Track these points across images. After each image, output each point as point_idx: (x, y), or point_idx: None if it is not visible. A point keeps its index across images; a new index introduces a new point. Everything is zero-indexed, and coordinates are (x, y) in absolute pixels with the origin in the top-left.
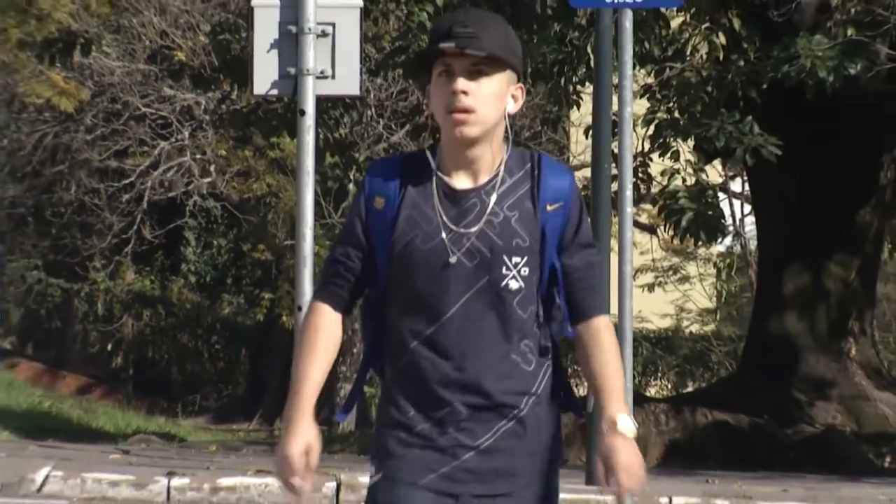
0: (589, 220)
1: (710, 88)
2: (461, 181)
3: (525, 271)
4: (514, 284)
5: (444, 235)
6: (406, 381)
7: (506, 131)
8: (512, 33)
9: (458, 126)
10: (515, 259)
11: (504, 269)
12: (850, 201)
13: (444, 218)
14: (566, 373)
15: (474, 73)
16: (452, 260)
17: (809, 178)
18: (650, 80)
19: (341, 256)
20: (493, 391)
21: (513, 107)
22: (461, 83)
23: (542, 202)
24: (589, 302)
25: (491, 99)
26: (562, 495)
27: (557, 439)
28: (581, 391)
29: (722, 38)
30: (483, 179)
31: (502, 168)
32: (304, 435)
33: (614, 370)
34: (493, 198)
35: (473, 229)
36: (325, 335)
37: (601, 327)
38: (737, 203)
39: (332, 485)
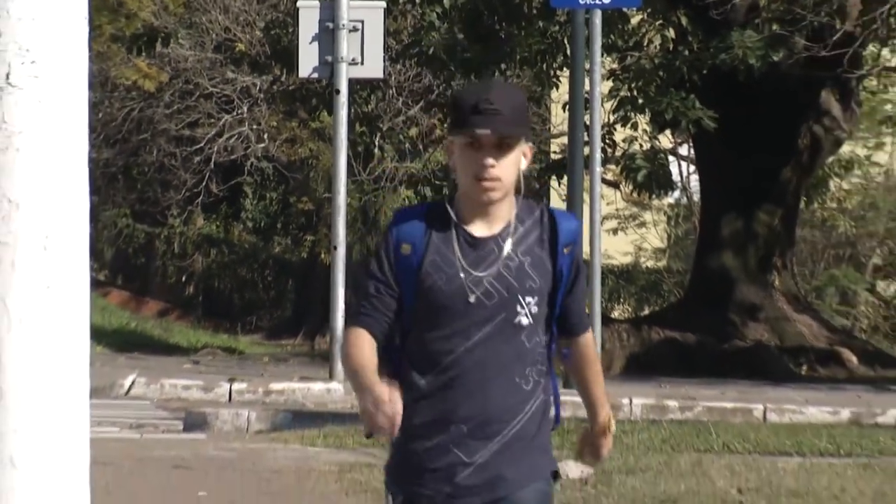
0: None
1: (661, 73)
2: (479, 229)
3: (535, 309)
4: (524, 321)
5: (463, 277)
6: (423, 400)
7: (517, 184)
8: (525, 102)
9: (486, 192)
10: (528, 299)
11: (519, 307)
12: (774, 162)
13: (464, 262)
14: (555, 389)
15: (500, 147)
16: (472, 299)
17: (741, 144)
18: (615, 66)
19: (374, 292)
20: (495, 410)
21: (524, 165)
22: (490, 159)
23: (560, 246)
24: (580, 322)
25: (512, 166)
26: None
27: (547, 449)
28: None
29: (672, 33)
30: (498, 228)
31: (514, 217)
32: (380, 384)
33: (601, 383)
34: (509, 244)
35: (491, 272)
36: (364, 343)
37: (588, 342)
38: (683, 164)
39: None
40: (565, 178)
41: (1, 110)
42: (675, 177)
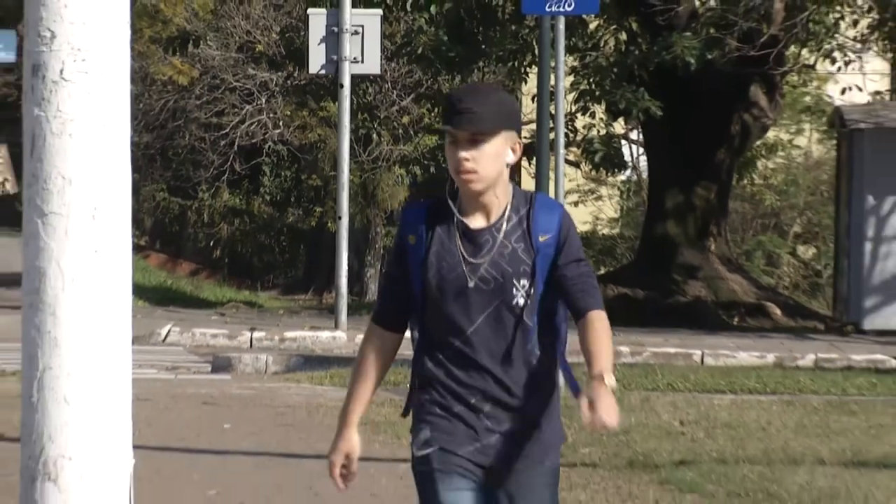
0: (579, 242)
1: (615, 69)
2: (476, 221)
3: (527, 290)
4: (521, 301)
5: (463, 266)
6: (442, 377)
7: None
8: (506, 100)
9: (466, 184)
10: (523, 281)
11: (514, 290)
12: (710, 145)
13: (464, 252)
14: (564, 362)
15: (474, 142)
16: (471, 284)
17: (683, 129)
18: (575, 64)
19: (391, 287)
20: (508, 385)
21: (512, 158)
22: (464, 153)
23: (534, 234)
24: (585, 301)
25: (489, 158)
26: None
27: (558, 421)
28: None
29: (624, 35)
30: (494, 219)
31: (509, 208)
32: (344, 447)
33: (604, 344)
34: (501, 234)
35: (486, 259)
36: (376, 359)
37: (595, 317)
38: (634, 147)
39: None
40: (535, 159)
41: (56, 101)
42: (627, 157)
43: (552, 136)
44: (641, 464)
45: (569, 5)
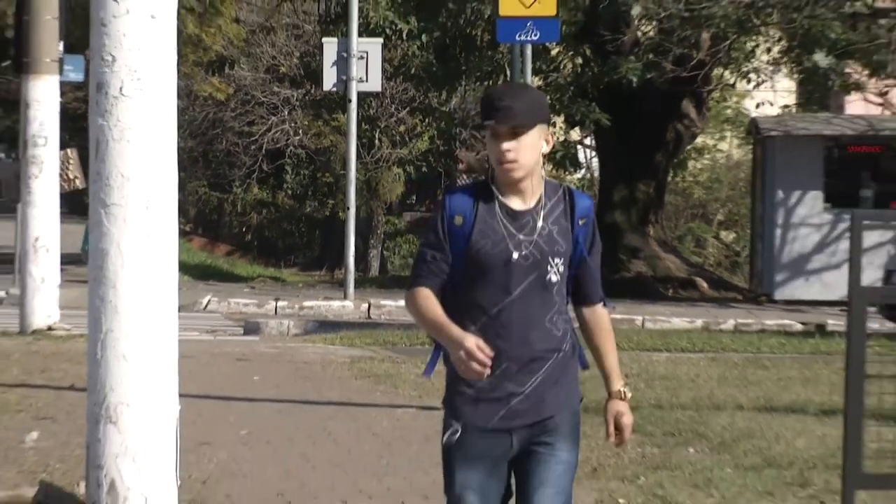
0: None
1: (572, 87)
2: (516, 203)
3: (561, 268)
4: (554, 278)
5: (508, 241)
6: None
7: (544, 166)
8: (538, 97)
9: (507, 172)
10: (556, 260)
11: (549, 266)
12: (649, 149)
13: (509, 228)
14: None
15: (513, 134)
16: (515, 257)
17: (627, 136)
18: (540, 83)
19: (430, 258)
20: (536, 350)
21: (546, 148)
22: (506, 144)
23: (576, 219)
24: (597, 291)
25: (527, 149)
26: None
27: (576, 381)
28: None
29: (579, 60)
30: (531, 203)
31: (543, 195)
32: (467, 335)
33: (615, 353)
34: (541, 216)
35: (529, 238)
36: (430, 299)
37: (603, 313)
38: (588, 150)
39: None
40: None
41: (116, 112)
42: (582, 159)
43: None
44: (593, 409)
45: (534, 35)
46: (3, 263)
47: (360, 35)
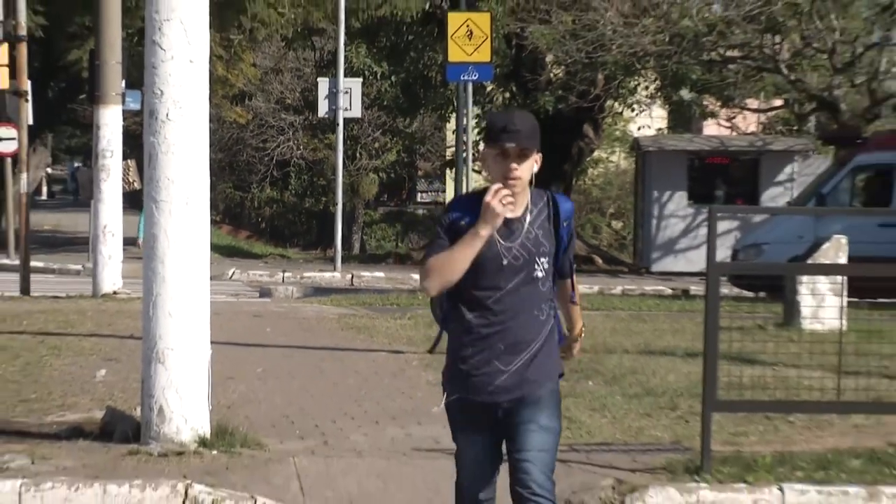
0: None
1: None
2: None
3: (546, 266)
4: (540, 274)
5: (499, 247)
6: (470, 332)
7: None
8: (537, 124)
9: (511, 187)
10: (542, 259)
11: (535, 265)
12: (560, 161)
13: (499, 236)
14: (557, 318)
15: (521, 155)
16: (505, 262)
17: (543, 151)
18: (478, 111)
19: (440, 245)
20: (523, 335)
21: (535, 168)
22: (514, 164)
23: (561, 221)
24: (568, 270)
25: (528, 169)
26: None
27: (557, 360)
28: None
29: (507, 94)
30: (520, 212)
31: (530, 202)
32: (480, 221)
33: (577, 309)
34: (527, 223)
35: (517, 242)
36: (440, 253)
37: (573, 283)
38: None
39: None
40: (454, 168)
41: (164, 132)
42: None
43: (465, 154)
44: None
45: (474, 76)
46: (81, 244)
47: (345, 76)
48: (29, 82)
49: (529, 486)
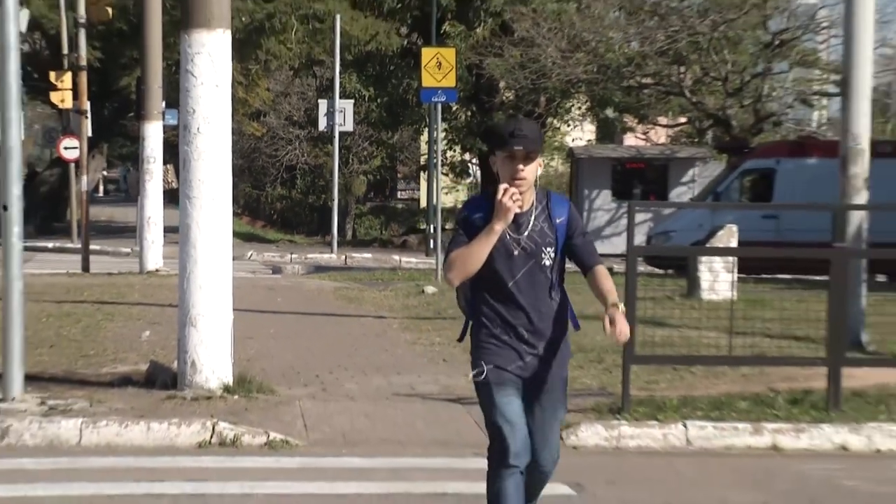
0: (582, 221)
1: (465, 129)
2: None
3: (553, 254)
4: (547, 262)
5: (509, 239)
6: (494, 316)
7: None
8: (540, 130)
9: (518, 187)
10: (548, 249)
11: (542, 254)
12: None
13: (509, 230)
14: (570, 305)
15: (528, 158)
16: (515, 252)
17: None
18: (446, 126)
19: (461, 240)
20: (539, 319)
21: (539, 170)
22: (521, 166)
23: (554, 218)
24: (591, 259)
25: (533, 171)
26: None
27: (567, 343)
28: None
29: (469, 113)
30: (527, 208)
31: (535, 200)
32: (495, 219)
33: (611, 284)
34: (533, 217)
35: (525, 235)
36: (462, 248)
37: (600, 269)
38: (474, 165)
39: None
40: (427, 173)
41: (196, 142)
42: (471, 171)
43: (436, 161)
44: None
45: (442, 98)
46: (130, 232)
47: (340, 98)
48: (88, 103)
49: (538, 460)
